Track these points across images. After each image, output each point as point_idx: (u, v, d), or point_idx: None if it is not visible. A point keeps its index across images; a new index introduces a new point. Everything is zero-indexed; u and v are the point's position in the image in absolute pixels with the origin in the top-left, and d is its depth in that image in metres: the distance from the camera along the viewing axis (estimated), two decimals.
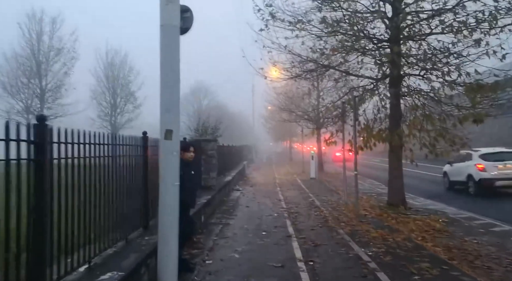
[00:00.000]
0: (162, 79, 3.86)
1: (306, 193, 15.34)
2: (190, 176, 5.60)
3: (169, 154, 3.87)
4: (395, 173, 11.05)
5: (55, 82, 28.55)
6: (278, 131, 51.53)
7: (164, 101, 3.89)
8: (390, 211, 10.48)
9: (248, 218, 9.94)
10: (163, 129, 3.85)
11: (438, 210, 11.06)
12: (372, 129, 10.68)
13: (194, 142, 10.90)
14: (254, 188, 17.52)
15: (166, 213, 3.90)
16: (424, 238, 7.69)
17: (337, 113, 12.55)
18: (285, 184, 19.55)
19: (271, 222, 9.38)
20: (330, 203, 12.58)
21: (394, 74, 10.28)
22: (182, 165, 5.48)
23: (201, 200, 9.01)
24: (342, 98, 12.66)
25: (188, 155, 5.58)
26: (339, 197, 14.10)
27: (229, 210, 11.14)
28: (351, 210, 10.78)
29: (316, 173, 22.18)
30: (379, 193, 15.42)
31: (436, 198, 13.56)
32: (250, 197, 14.29)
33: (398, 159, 11.06)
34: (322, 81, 13.68)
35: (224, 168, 16.64)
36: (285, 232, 8.22)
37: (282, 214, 10.61)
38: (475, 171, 13.18)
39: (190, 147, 5.63)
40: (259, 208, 11.66)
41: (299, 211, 11.00)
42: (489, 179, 12.74)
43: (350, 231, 8.27)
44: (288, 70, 12.97)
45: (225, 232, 8.18)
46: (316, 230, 8.49)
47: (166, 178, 3.89)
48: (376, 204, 11.93)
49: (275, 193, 15.72)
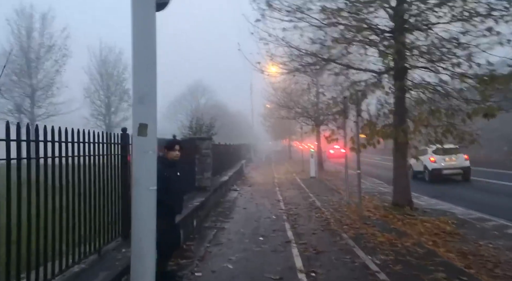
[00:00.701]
0: (135, 62, 3.21)
1: (306, 193, 14.72)
2: (176, 177, 4.97)
3: (143, 153, 3.23)
4: (400, 171, 10.42)
5: (47, 81, 27.68)
6: (277, 130, 50.90)
7: (137, 89, 3.23)
8: (395, 211, 9.87)
9: (244, 221, 9.31)
10: (136, 123, 3.21)
11: (445, 210, 10.46)
12: (375, 126, 10.05)
13: (188, 139, 10.28)
14: (252, 188, 16.90)
15: (140, 224, 3.26)
16: (435, 242, 7.07)
17: (338, 109, 11.91)
18: (284, 183, 18.93)
19: (269, 225, 8.75)
20: (331, 203, 11.96)
21: (399, 67, 9.65)
22: (166, 165, 4.85)
23: (194, 202, 8.38)
24: (343, 94, 12.01)
25: (173, 154, 4.95)
26: (340, 196, 13.48)
27: (224, 212, 10.51)
28: (354, 211, 10.16)
29: (316, 171, 21.56)
30: (382, 192, 14.83)
31: (441, 197, 12.98)
32: (247, 198, 13.66)
33: (403, 157, 10.44)
34: (321, 76, 13.06)
35: (221, 167, 16.01)
36: (284, 237, 7.60)
37: (281, 216, 9.99)
38: (429, 163, 16.89)
39: (175, 145, 5.00)
40: (257, 210, 11.03)
41: (299, 213, 10.37)
42: (438, 169, 16.57)
43: (354, 235, 7.64)
44: (286, 64, 12.39)
45: (219, 238, 7.55)
46: (317, 234, 7.87)
47: (140, 181, 3.24)
48: (380, 204, 11.32)
49: (274, 193, 15.10)
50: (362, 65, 11.60)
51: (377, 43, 10.11)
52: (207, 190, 10.47)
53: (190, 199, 8.90)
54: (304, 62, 11.93)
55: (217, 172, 15.11)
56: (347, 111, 11.49)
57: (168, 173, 4.78)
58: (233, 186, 17.01)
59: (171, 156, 4.92)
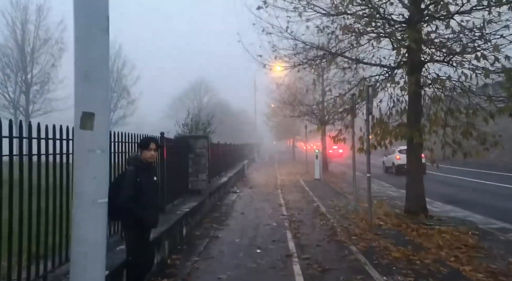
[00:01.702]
0: (77, 26, 2.34)
1: (310, 197, 13.80)
2: (151, 183, 4.07)
3: (88, 153, 2.34)
4: (414, 176, 9.47)
5: (42, 75, 26.78)
6: (280, 130, 49.96)
7: (81, 62, 2.34)
8: (409, 220, 8.94)
9: (241, 229, 8.40)
10: (79, 111, 2.33)
11: (463, 218, 9.51)
12: (387, 125, 9.12)
13: (181, 138, 9.38)
14: (253, 190, 15.98)
15: (82, 250, 2.37)
16: (457, 258, 6.14)
17: (346, 107, 10.98)
18: (287, 185, 18.00)
19: (269, 235, 7.84)
20: (337, 209, 11.03)
21: (415, 60, 8.72)
22: (140, 168, 3.96)
23: (183, 208, 7.48)
24: (352, 90, 11.07)
25: (148, 154, 4.04)
26: (347, 201, 12.55)
27: (220, 218, 9.60)
28: (362, 219, 9.24)
29: (321, 173, 20.62)
30: (391, 196, 13.90)
31: (457, 203, 12.02)
32: (247, 201, 12.76)
33: (418, 159, 9.49)
34: (328, 72, 12.11)
35: (220, 168, 15.13)
36: (284, 249, 6.69)
37: (282, 223, 9.08)
38: (395, 160, 22.60)
39: (150, 143, 4.07)
40: (256, 215, 10.13)
41: (302, 219, 9.46)
42: (402, 164, 19.04)
43: (364, 248, 6.72)
44: (290, 58, 11.52)
45: (211, 250, 6.64)
46: (322, 246, 6.94)
47: (82, 192, 2.35)
48: (391, 211, 10.38)
49: (275, 196, 14.19)
50: (372, 60, 10.71)
51: (390, 34, 9.20)
52: (202, 193, 9.58)
53: (180, 204, 8.02)
54: (309, 56, 11.07)
55: (216, 173, 14.24)
56: (355, 109, 10.58)
57: (141, 177, 3.89)
58: (232, 188, 16.12)
59: (145, 156, 4.02)
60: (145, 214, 3.86)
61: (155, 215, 4.12)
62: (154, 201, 4.11)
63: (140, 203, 3.82)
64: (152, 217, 4.00)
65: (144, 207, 3.85)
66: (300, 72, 12.43)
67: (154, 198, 4.10)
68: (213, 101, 55.28)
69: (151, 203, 3.97)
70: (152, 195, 4.02)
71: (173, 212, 7.01)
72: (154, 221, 4.09)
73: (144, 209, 3.85)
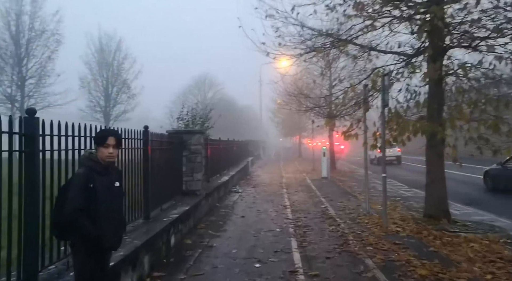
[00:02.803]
0: None
1: (317, 197, 12.79)
2: (111, 191, 3.08)
3: None
4: (435, 175, 8.43)
5: (38, 68, 25.81)
6: (286, 126, 48.89)
7: None
8: (429, 225, 7.92)
9: (240, 236, 7.42)
10: None
11: (489, 223, 8.47)
12: (405, 119, 8.08)
13: (174, 133, 8.39)
14: (256, 189, 15.01)
15: None
16: (495, 276, 5.14)
17: (358, 99, 9.95)
18: (293, 184, 17.01)
19: (271, 243, 6.85)
20: (348, 211, 10.02)
21: (439, 44, 7.67)
22: (95, 170, 2.99)
23: (171, 214, 6.51)
24: (364, 81, 10.02)
25: (105, 152, 3.04)
26: (357, 202, 11.55)
27: (217, 222, 8.64)
28: (377, 224, 8.24)
29: (328, 171, 19.58)
30: (405, 197, 12.88)
31: (477, 204, 10.98)
32: (249, 202, 11.78)
33: (439, 157, 8.44)
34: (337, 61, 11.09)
35: (220, 166, 14.15)
36: (288, 263, 5.71)
37: (286, 228, 8.10)
38: (376, 153, 24.87)
39: (108, 137, 3.05)
40: (257, 219, 9.15)
41: (308, 224, 8.47)
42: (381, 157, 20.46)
43: (382, 261, 5.72)
44: (296, 47, 10.52)
45: (202, 264, 5.66)
46: (333, 258, 5.95)
47: None
48: (407, 215, 9.38)
49: (280, 196, 13.21)
50: (387, 47, 9.67)
51: (409, 17, 8.16)
52: (197, 195, 8.62)
53: (171, 208, 7.05)
54: (317, 43, 10.05)
55: (216, 171, 13.28)
56: (367, 101, 9.55)
57: (95, 182, 2.91)
58: (234, 187, 15.15)
59: (102, 155, 3.03)
60: (100, 232, 2.88)
61: (115, 233, 3.11)
62: (115, 214, 3.11)
63: (93, 217, 2.86)
64: (110, 236, 3.01)
65: (98, 222, 2.88)
66: (307, 62, 11.41)
67: (115, 210, 3.10)
68: (217, 97, 54.17)
69: (109, 216, 2.99)
70: (111, 206, 3.03)
71: (159, 219, 6.05)
72: (113, 241, 3.08)
73: (98, 224, 2.88)
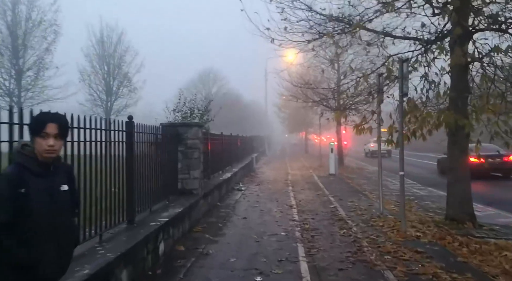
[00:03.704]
0: None
1: (326, 196, 11.96)
2: (51, 199, 2.22)
3: None
4: (458, 174, 7.56)
5: (35, 60, 24.88)
6: (292, 121, 47.94)
7: None
8: (453, 230, 7.08)
9: (240, 241, 6.61)
10: None
11: None
12: (428, 111, 7.22)
13: (168, 125, 7.58)
14: (260, 187, 14.20)
15: None
16: None
17: (371, 90, 9.08)
18: (299, 181, 16.17)
19: (275, 250, 6.04)
20: (359, 212, 9.19)
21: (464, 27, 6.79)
22: (30, 170, 2.16)
23: (160, 218, 5.71)
24: (378, 70, 9.15)
25: (43, 144, 2.17)
26: (369, 202, 10.72)
27: (216, 224, 7.84)
28: (393, 227, 7.41)
29: (336, 168, 18.71)
30: (419, 196, 12.03)
31: (499, 205, 10.11)
32: (252, 201, 10.98)
33: (463, 153, 7.57)
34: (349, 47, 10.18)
35: (222, 162, 13.36)
36: (294, 275, 4.90)
37: (292, 232, 7.28)
38: (370, 148, 33.74)
39: (46, 124, 2.19)
40: (260, 221, 8.35)
41: (317, 227, 7.65)
42: (374, 151, 29.76)
43: (405, 274, 4.89)
44: (304, 34, 9.69)
45: (193, 276, 4.85)
46: (346, 270, 5.12)
47: None
48: (425, 216, 8.54)
49: (285, 194, 12.39)
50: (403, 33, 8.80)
51: None
52: (194, 194, 7.82)
53: (161, 210, 6.25)
54: (328, 29, 9.21)
55: (218, 168, 12.49)
56: (383, 91, 8.70)
57: (30, 187, 2.10)
58: (238, 184, 14.36)
59: (39, 148, 2.21)
60: (34, 257, 2.07)
61: (57, 259, 2.24)
62: (59, 230, 2.27)
63: (24, 236, 2.06)
64: (49, 263, 2.16)
65: (32, 243, 2.08)
66: (315, 51, 10.54)
67: (58, 225, 2.25)
68: (222, 92, 53.20)
69: (49, 234, 2.17)
70: (53, 220, 2.20)
71: (145, 223, 5.25)
72: (52, 270, 2.22)
73: (32, 246, 2.07)
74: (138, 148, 5.54)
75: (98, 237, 4.20)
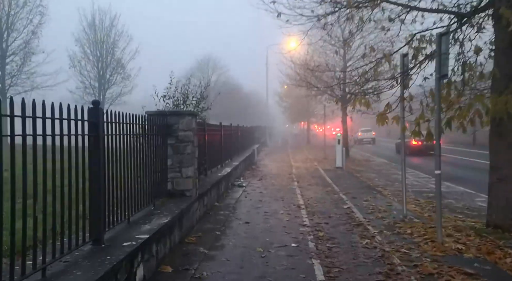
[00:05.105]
0: None
1: (336, 193, 10.73)
2: None
3: None
4: (504, 173, 6.29)
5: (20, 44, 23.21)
6: (294, 111, 46.58)
7: None
8: (499, 240, 5.84)
9: (242, 256, 5.37)
10: None
11: None
12: (479, 96, 5.92)
13: (156, 114, 6.28)
14: (263, 183, 12.97)
15: None
16: None
17: (396, 74, 7.77)
18: (304, 175, 14.94)
19: (285, 270, 4.80)
20: (378, 214, 7.94)
21: None
22: None
23: (141, 232, 4.45)
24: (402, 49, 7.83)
25: None
26: (386, 200, 9.52)
27: (214, 232, 6.60)
28: (424, 236, 6.18)
29: (343, 161, 17.48)
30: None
31: None
32: (254, 200, 9.74)
33: (511, 147, 6.28)
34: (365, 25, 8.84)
35: (221, 156, 12.11)
36: None
37: (304, 242, 6.04)
38: (358, 136, 41.53)
39: None
40: (265, 226, 7.11)
41: (333, 235, 6.41)
42: (361, 139, 41.56)
43: None
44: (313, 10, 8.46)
45: None
46: None
47: None
48: (456, 219, 7.34)
49: (291, 191, 11.16)
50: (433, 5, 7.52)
51: None
52: (187, 196, 6.56)
53: (144, 220, 4.98)
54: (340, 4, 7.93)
55: (216, 162, 11.26)
56: (409, 74, 7.42)
57: None
58: (238, 179, 13.13)
59: None
60: None
61: None
62: None
63: None
64: None
65: None
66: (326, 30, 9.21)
67: None
68: (222, 80, 51.61)
69: None
70: None
71: (117, 242, 3.99)
72: None
73: None
74: (111, 143, 4.28)
75: (40, 273, 2.94)
